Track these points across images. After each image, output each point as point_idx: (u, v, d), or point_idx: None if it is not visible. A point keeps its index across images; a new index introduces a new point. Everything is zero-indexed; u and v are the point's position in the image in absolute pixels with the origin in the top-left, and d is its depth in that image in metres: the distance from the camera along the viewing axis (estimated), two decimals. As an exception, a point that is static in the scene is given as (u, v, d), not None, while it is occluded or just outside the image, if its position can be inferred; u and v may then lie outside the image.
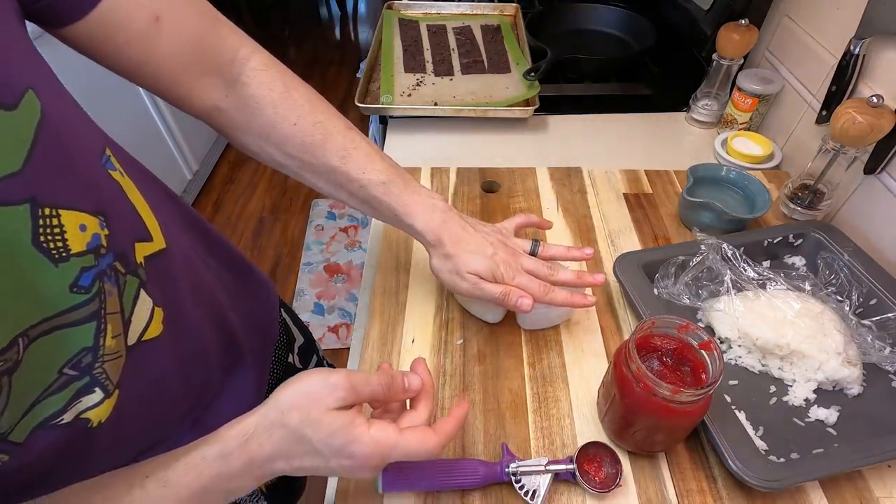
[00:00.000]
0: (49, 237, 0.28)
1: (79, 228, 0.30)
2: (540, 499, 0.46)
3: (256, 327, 0.56)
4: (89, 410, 0.33)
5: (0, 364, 0.26)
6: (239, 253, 0.57)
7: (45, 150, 0.28)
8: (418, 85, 0.94)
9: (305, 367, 0.66)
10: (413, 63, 0.99)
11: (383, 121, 0.95)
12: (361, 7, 3.58)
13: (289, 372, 0.62)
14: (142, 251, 0.36)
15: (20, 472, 0.31)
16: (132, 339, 0.36)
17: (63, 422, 0.32)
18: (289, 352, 0.63)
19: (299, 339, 0.66)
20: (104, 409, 0.34)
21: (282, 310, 0.64)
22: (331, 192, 0.52)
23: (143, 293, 0.36)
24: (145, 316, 0.37)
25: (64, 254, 0.29)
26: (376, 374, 0.37)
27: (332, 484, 0.51)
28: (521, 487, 0.46)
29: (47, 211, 0.28)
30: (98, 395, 0.33)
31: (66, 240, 0.29)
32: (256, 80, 0.47)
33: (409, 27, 1.09)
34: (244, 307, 0.54)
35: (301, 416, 0.34)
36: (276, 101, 0.47)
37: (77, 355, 0.31)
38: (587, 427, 0.53)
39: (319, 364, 0.73)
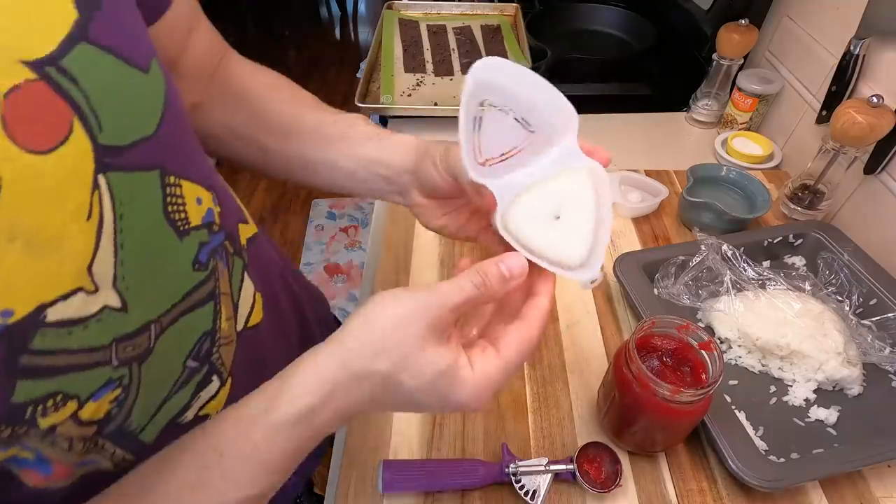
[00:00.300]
0: (174, 207, 0.27)
1: (196, 201, 0.29)
2: (540, 499, 0.46)
3: (322, 322, 0.56)
4: (208, 404, 0.32)
5: (129, 350, 0.25)
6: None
7: (171, 117, 0.27)
8: (418, 85, 0.94)
9: None
10: (413, 63, 0.99)
11: (383, 121, 0.95)
12: (361, 7, 3.58)
13: None
14: (244, 233, 0.36)
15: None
16: (240, 325, 0.35)
17: (186, 420, 0.31)
18: None
19: None
20: (220, 401, 0.33)
21: (333, 313, 0.65)
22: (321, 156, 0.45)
23: (246, 276, 0.35)
24: (249, 300, 0.36)
25: (186, 226, 0.28)
26: (466, 276, 0.29)
27: (332, 484, 0.51)
28: (521, 487, 0.46)
29: (172, 179, 0.27)
30: (215, 383, 0.33)
31: (187, 212, 0.28)
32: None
33: (409, 27, 1.09)
34: (311, 301, 0.53)
35: (392, 359, 0.27)
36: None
37: (199, 342, 0.30)
38: (587, 427, 0.53)
39: None
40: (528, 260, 0.31)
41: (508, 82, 0.32)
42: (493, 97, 0.32)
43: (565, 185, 0.33)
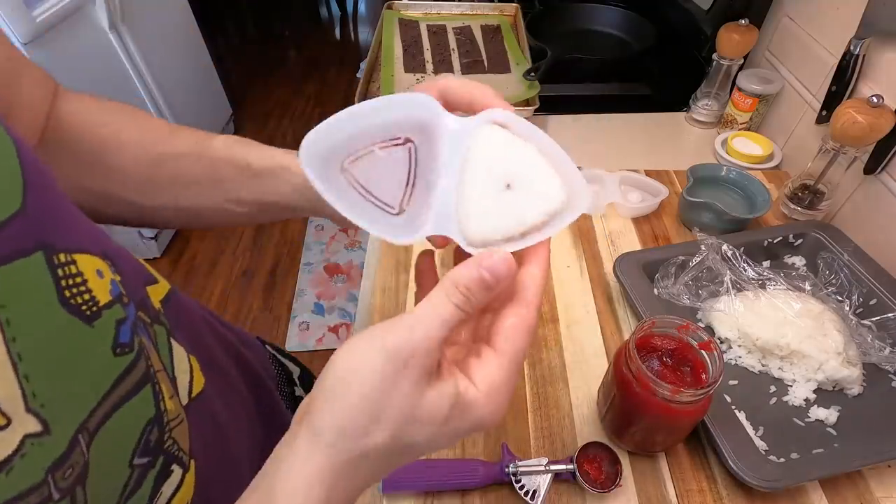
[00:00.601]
0: (74, 290, 0.23)
1: (97, 275, 0.25)
2: (540, 499, 0.46)
3: (259, 359, 0.52)
4: (174, 497, 0.29)
5: (68, 473, 0.21)
6: None
7: (36, 181, 0.22)
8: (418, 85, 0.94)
9: None
10: (413, 63, 0.99)
11: (383, 121, 0.95)
12: (361, 7, 3.58)
13: (298, 404, 0.57)
14: (154, 295, 0.31)
15: None
16: (185, 398, 0.31)
17: None
18: (293, 384, 0.59)
19: (296, 371, 0.61)
20: (187, 489, 0.30)
21: (266, 345, 0.58)
22: (169, 199, 0.39)
23: (174, 342, 0.31)
24: (186, 367, 0.32)
25: (94, 308, 0.24)
26: (443, 296, 0.24)
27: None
28: (521, 487, 0.46)
29: (62, 258, 0.23)
30: (177, 473, 0.29)
31: (91, 291, 0.24)
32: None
33: (409, 27, 1.09)
34: (245, 344, 0.48)
35: (391, 426, 0.23)
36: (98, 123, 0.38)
37: (144, 434, 0.26)
38: (587, 427, 0.53)
39: None
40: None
41: (344, 134, 0.26)
42: (345, 155, 0.27)
43: (485, 154, 0.27)
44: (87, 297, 0.23)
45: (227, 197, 0.39)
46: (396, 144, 0.28)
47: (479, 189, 0.27)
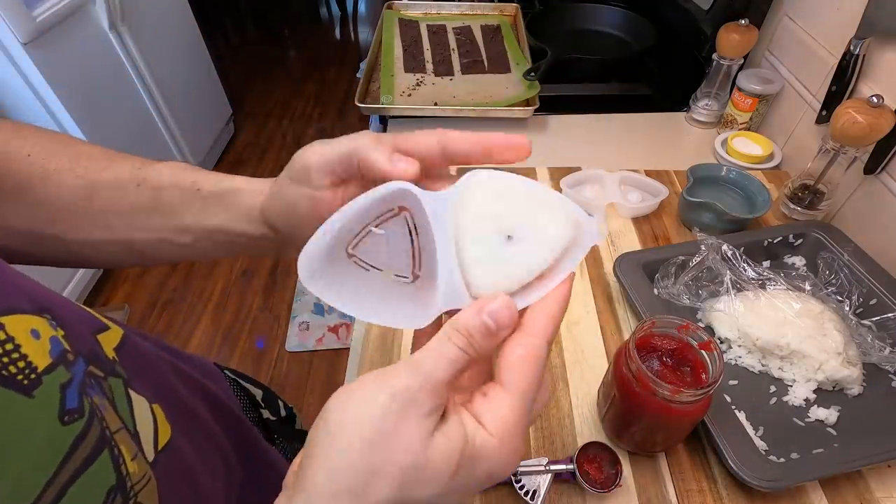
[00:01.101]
0: (5, 360, 0.21)
1: (32, 335, 0.22)
2: (540, 499, 0.46)
3: (222, 389, 0.49)
4: None
5: None
6: None
7: None
8: (418, 85, 0.94)
9: (277, 417, 0.58)
10: (413, 63, 0.99)
11: (383, 121, 0.95)
12: (361, 7, 3.59)
13: (268, 428, 0.55)
14: (107, 343, 0.29)
15: None
16: (150, 454, 0.28)
17: None
18: (258, 408, 0.57)
19: (258, 393, 0.59)
20: None
21: (225, 371, 0.55)
22: (100, 232, 0.35)
23: (132, 393, 0.29)
24: (149, 418, 0.29)
25: (32, 375, 0.22)
26: (446, 341, 0.23)
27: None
28: (521, 487, 0.46)
29: None
30: None
31: (26, 356, 0.22)
32: None
33: (409, 27, 1.09)
34: (206, 376, 0.45)
35: (394, 478, 0.20)
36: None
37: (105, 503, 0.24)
38: (587, 427, 0.53)
39: (289, 411, 0.61)
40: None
41: (335, 227, 0.26)
42: (345, 244, 0.26)
43: (477, 212, 0.26)
44: (21, 364, 0.21)
45: (169, 225, 0.35)
46: (391, 216, 0.27)
47: (479, 250, 0.26)
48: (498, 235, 0.26)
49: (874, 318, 0.57)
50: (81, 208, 0.34)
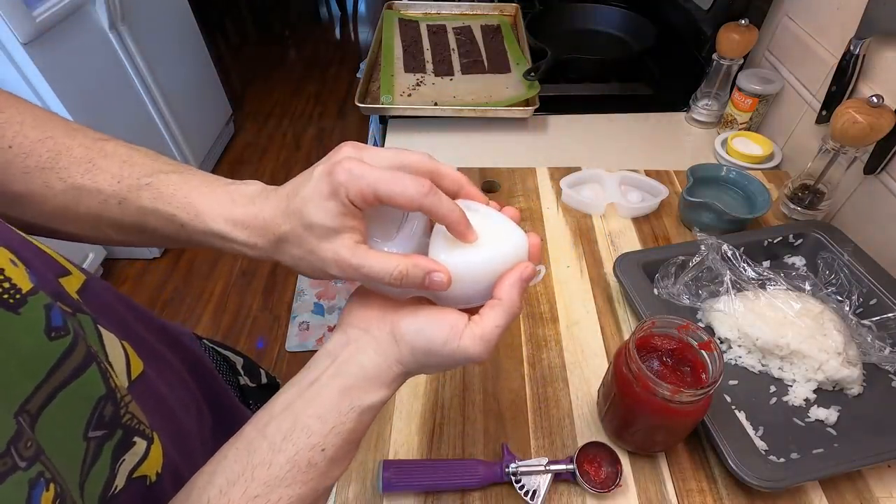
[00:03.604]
0: None
1: (12, 264, 0.24)
2: (540, 499, 0.46)
3: (195, 349, 0.49)
4: (139, 466, 0.29)
5: (28, 445, 0.22)
6: None
7: None
8: (418, 85, 0.94)
9: (257, 385, 0.60)
10: (413, 63, 0.99)
11: (383, 121, 0.95)
12: (361, 7, 3.58)
13: (244, 393, 0.57)
14: (69, 286, 0.30)
15: None
16: (124, 381, 0.31)
17: (118, 489, 0.28)
18: (237, 374, 0.58)
19: (239, 361, 0.60)
20: (155, 460, 0.31)
21: (203, 340, 0.56)
22: (92, 232, 0.36)
23: (103, 330, 0.30)
24: (120, 353, 0.31)
25: (17, 296, 0.23)
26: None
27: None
28: (521, 487, 0.46)
29: None
30: (141, 444, 0.30)
31: (10, 279, 0.23)
32: None
33: (409, 27, 1.09)
34: (178, 333, 0.45)
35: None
36: None
37: (96, 410, 0.27)
38: (587, 427, 0.53)
39: (271, 379, 0.64)
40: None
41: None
42: None
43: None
44: (6, 285, 0.23)
45: (156, 235, 0.35)
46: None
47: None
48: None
49: (874, 318, 0.57)
50: (71, 210, 0.34)
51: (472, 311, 0.32)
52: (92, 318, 0.29)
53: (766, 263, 0.66)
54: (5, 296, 0.23)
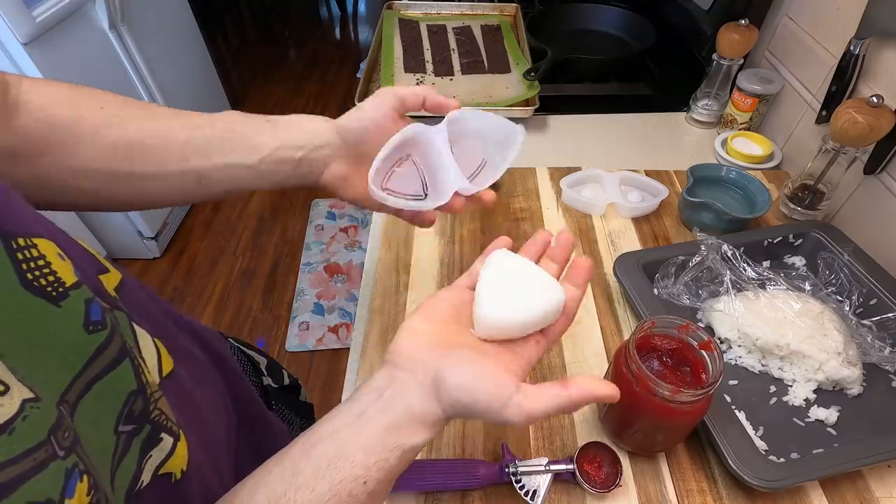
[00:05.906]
0: (37, 273, 0.23)
1: (59, 258, 0.25)
2: (540, 499, 0.46)
3: (223, 348, 0.51)
4: (165, 463, 0.30)
5: (66, 435, 0.23)
6: None
7: None
8: (418, 85, 0.94)
9: (279, 385, 0.62)
10: (413, 63, 0.99)
11: (383, 121, 0.95)
12: (361, 7, 3.58)
13: (268, 394, 0.58)
14: (108, 283, 0.32)
15: None
16: (156, 377, 0.32)
17: (144, 485, 0.28)
18: (260, 374, 0.59)
19: (262, 361, 0.62)
20: (180, 457, 0.31)
21: (229, 339, 0.58)
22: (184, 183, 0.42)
23: (136, 327, 0.32)
24: (152, 350, 0.33)
25: (60, 289, 0.24)
26: None
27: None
28: (521, 487, 0.46)
29: (22, 241, 0.23)
30: (167, 441, 0.30)
31: (56, 272, 0.24)
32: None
33: (409, 27, 1.09)
34: (207, 333, 0.48)
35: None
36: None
37: (127, 404, 0.27)
38: (587, 427, 0.53)
39: (293, 381, 0.66)
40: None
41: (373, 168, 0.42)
42: (381, 179, 0.44)
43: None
44: (51, 278, 0.24)
45: (240, 146, 0.42)
46: (403, 161, 0.45)
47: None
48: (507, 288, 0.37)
49: (874, 318, 0.57)
50: (159, 144, 0.39)
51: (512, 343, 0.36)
52: (127, 314, 0.31)
53: (766, 263, 0.66)
54: (48, 288, 0.24)
